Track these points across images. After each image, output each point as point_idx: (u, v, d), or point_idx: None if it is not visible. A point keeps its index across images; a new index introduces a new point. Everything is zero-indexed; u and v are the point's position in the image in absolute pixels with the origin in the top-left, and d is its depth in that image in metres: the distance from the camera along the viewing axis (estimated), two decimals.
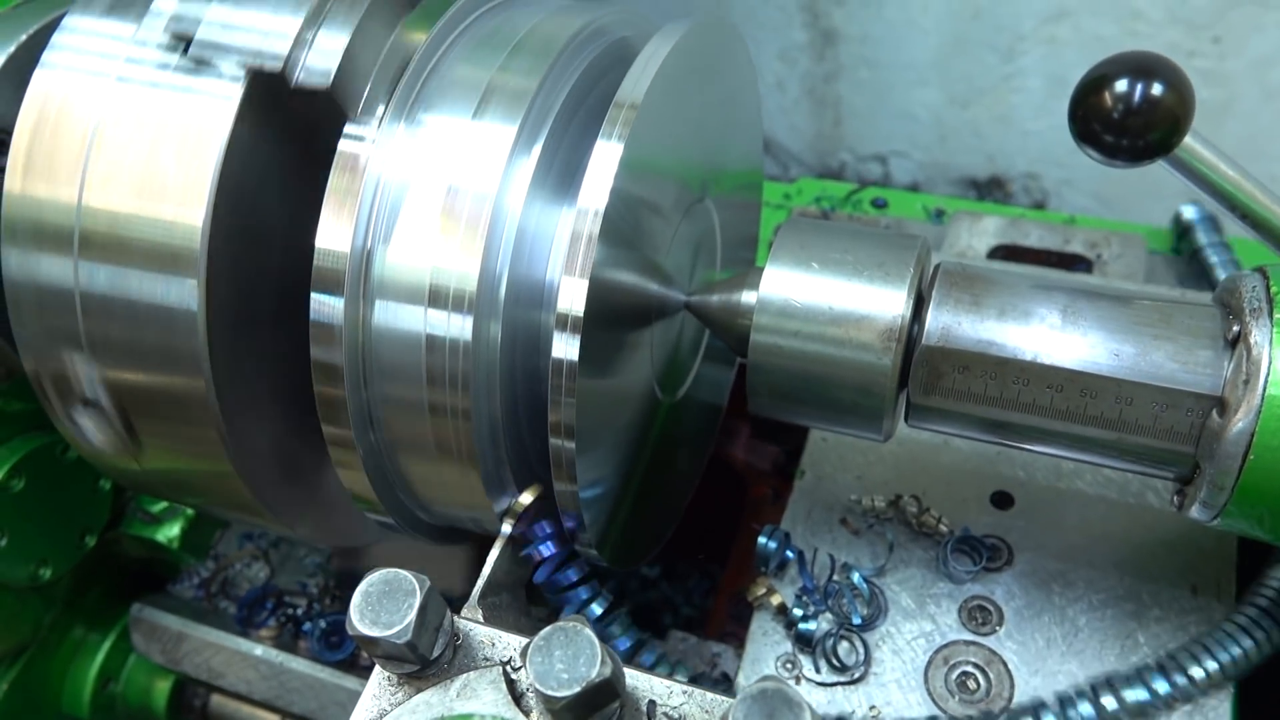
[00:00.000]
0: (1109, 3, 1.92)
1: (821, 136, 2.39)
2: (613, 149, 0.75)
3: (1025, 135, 2.18)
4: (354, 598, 0.64)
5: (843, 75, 2.26)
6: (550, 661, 0.59)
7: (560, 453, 0.77)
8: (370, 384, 0.80)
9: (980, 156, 2.27)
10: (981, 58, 2.11)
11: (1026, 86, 2.11)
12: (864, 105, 2.29)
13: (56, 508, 1.17)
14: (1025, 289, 0.78)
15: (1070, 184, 2.19)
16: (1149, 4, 1.90)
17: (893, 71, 2.21)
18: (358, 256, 0.78)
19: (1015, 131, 2.19)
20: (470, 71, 0.81)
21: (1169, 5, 1.90)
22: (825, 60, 2.24)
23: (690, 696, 0.64)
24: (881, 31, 2.15)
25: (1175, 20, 1.90)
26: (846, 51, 2.21)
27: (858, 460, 1.04)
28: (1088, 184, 2.17)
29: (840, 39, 2.19)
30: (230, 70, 0.78)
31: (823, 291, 0.80)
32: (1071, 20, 1.99)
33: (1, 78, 0.95)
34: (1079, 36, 2.00)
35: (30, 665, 1.28)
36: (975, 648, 0.90)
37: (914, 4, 2.07)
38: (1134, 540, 0.94)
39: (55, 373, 0.86)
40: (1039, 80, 2.09)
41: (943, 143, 2.28)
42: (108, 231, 0.80)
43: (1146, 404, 0.72)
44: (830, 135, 2.38)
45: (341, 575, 1.24)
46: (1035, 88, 2.10)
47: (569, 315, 0.74)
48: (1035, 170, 2.23)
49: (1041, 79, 2.08)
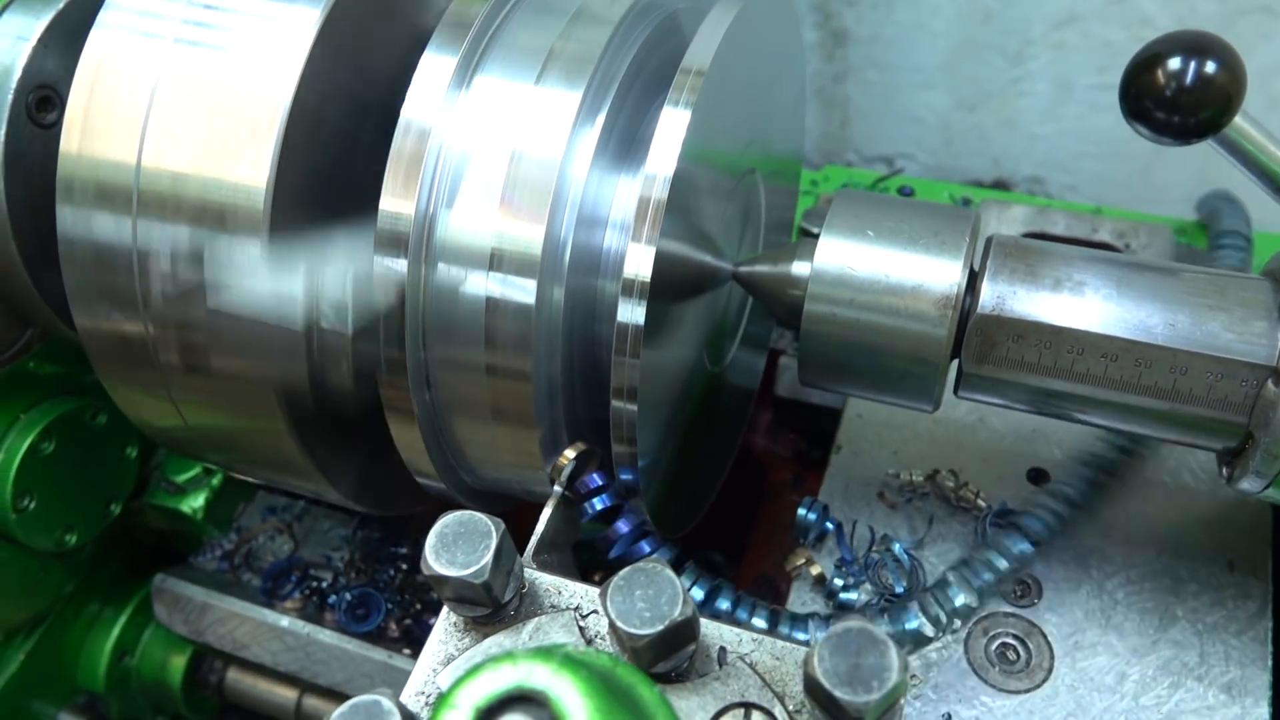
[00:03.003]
0: (1118, 9, 1.95)
1: (828, 137, 2.41)
2: (680, 116, 0.76)
3: (1031, 139, 2.21)
4: (429, 538, 0.65)
5: (851, 76, 2.28)
6: (631, 601, 0.59)
7: (621, 415, 0.78)
8: (429, 345, 0.81)
9: (985, 160, 2.29)
10: (990, 61, 2.13)
11: (1033, 91, 2.13)
12: (871, 107, 2.31)
13: (84, 473, 1.16)
14: (1079, 260, 0.79)
15: (1074, 189, 2.22)
16: (1158, 11, 1.93)
17: (901, 73, 2.23)
18: (420, 219, 0.78)
19: (1021, 135, 2.22)
20: (532, 38, 0.82)
21: (1177, 12, 1.93)
22: (834, 61, 2.26)
23: (760, 644, 0.65)
24: (892, 33, 2.17)
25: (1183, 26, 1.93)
26: (856, 53, 2.23)
27: (894, 437, 1.05)
28: (1092, 189, 2.20)
29: (850, 40, 2.21)
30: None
31: (879, 260, 0.81)
32: (1080, 25, 2.01)
33: (49, 36, 0.95)
34: (1087, 42, 2.02)
35: (47, 637, 1.27)
36: (1015, 619, 0.91)
37: (925, 6, 2.09)
38: (1169, 518, 0.95)
39: (108, 329, 0.86)
40: (1046, 85, 2.11)
41: (948, 146, 2.31)
42: (167, 191, 0.80)
43: (1201, 374, 0.74)
44: (837, 136, 2.40)
45: (367, 548, 1.24)
46: (1042, 92, 2.13)
47: (635, 281, 0.75)
48: (1039, 174, 2.26)
49: (1048, 83, 2.11)
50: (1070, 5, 1.97)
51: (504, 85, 0.80)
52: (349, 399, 0.88)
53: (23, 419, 1.09)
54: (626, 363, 0.76)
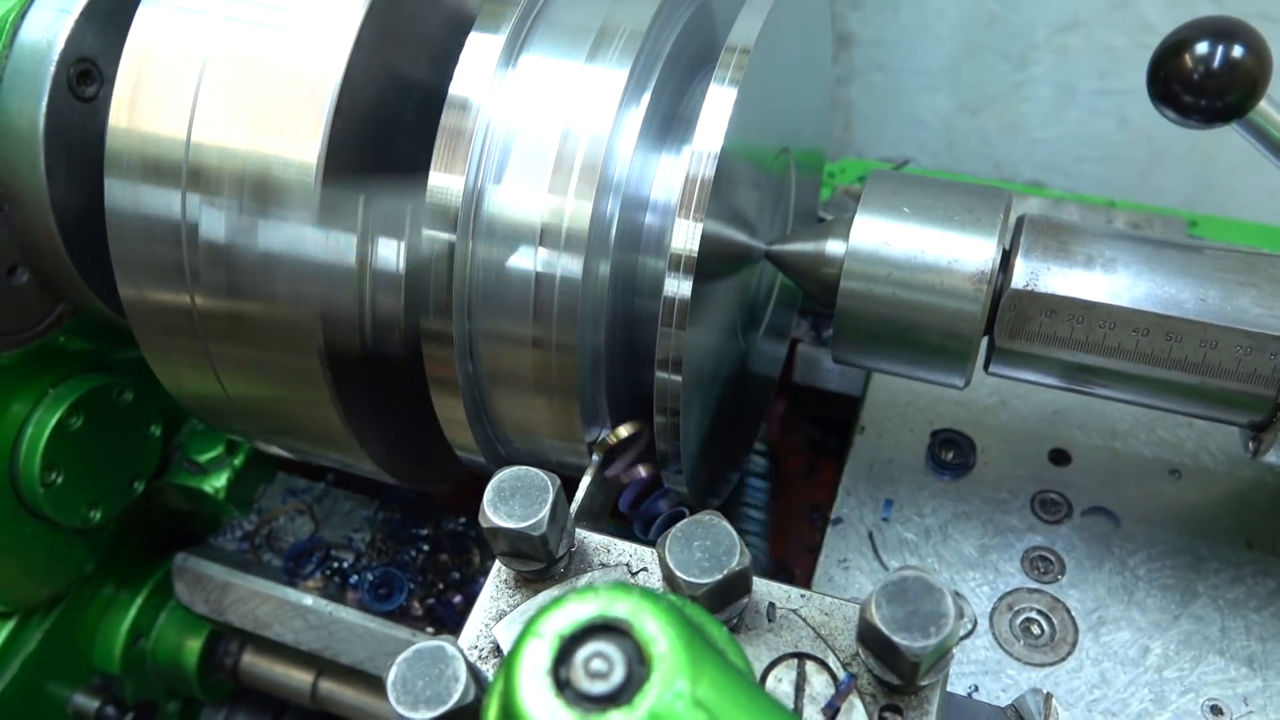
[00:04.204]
0: (1121, 15, 1.98)
1: (831, 139, 2.43)
2: (727, 94, 0.78)
3: (1033, 143, 2.23)
4: (486, 493, 0.66)
5: (855, 79, 2.30)
6: (690, 551, 0.61)
7: (666, 385, 0.79)
8: (474, 317, 0.82)
9: (987, 163, 2.32)
10: (993, 65, 2.16)
11: (1036, 95, 2.16)
12: (874, 110, 2.33)
13: (110, 450, 1.17)
14: (1110, 238, 0.81)
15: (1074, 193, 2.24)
16: (1160, 17, 1.96)
17: (905, 76, 2.25)
18: (469, 194, 0.80)
19: (1023, 139, 2.24)
20: (578, 16, 0.84)
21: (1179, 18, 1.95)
22: (839, 63, 2.28)
23: (808, 600, 0.67)
24: (896, 36, 2.19)
25: None
26: (860, 55, 2.26)
27: (917, 418, 1.07)
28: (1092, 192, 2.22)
29: (855, 42, 2.24)
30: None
31: (914, 237, 0.83)
32: (1083, 30, 2.04)
33: (90, 10, 0.96)
34: (1090, 47, 2.05)
35: (64, 617, 1.27)
36: (1039, 595, 0.93)
37: (930, 9, 2.12)
38: (1188, 499, 0.98)
39: (153, 300, 0.87)
40: (1048, 89, 2.14)
41: (950, 149, 2.33)
42: (217, 165, 0.81)
43: (1231, 347, 0.76)
44: (840, 139, 2.42)
45: (388, 529, 1.25)
46: (1044, 96, 2.15)
47: (683, 255, 0.76)
48: (1040, 179, 2.28)
49: (1051, 88, 2.14)
50: (1073, 10, 2.00)
51: (551, 63, 0.82)
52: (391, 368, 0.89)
53: (51, 393, 1.10)
54: (673, 334, 0.77)
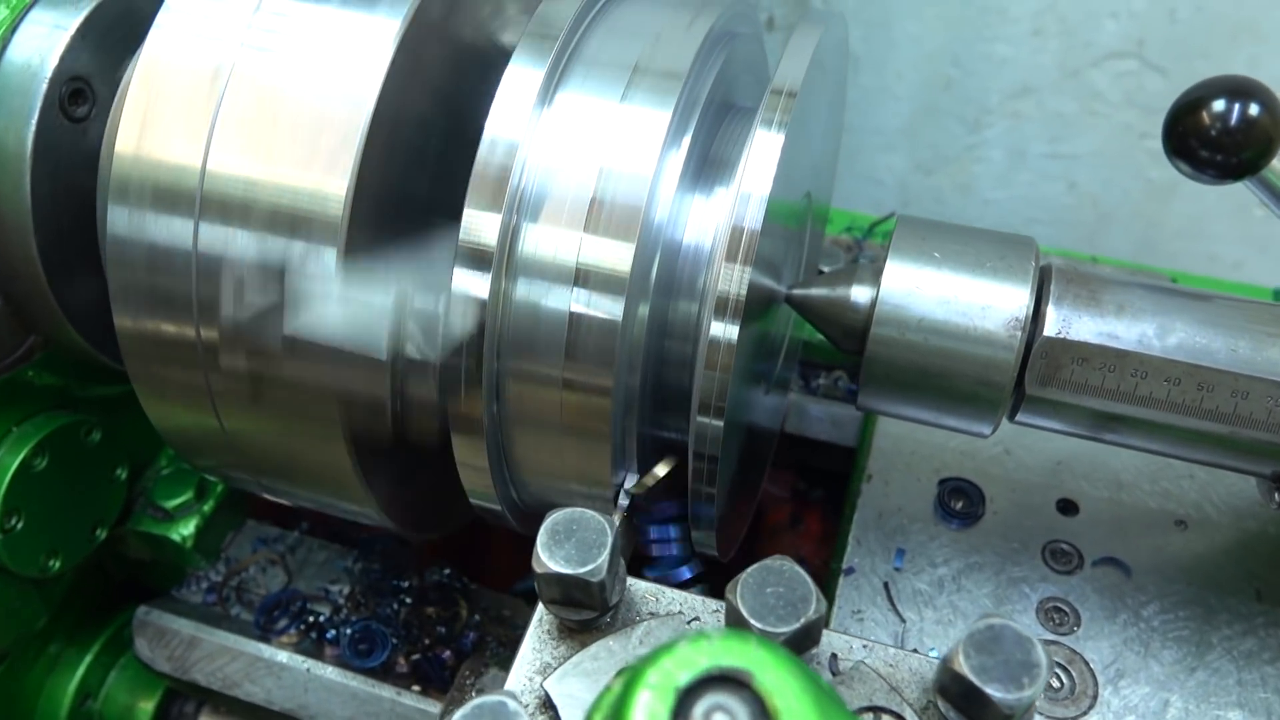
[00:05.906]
0: (1071, 83, 2.06)
1: None
2: (775, 139, 0.77)
3: (985, 204, 2.29)
4: (539, 535, 0.63)
5: None
6: (763, 597, 0.58)
7: (705, 430, 0.77)
8: (502, 357, 0.79)
9: None
10: (948, 127, 2.22)
11: (988, 157, 2.22)
12: None
13: (73, 494, 1.10)
14: (1139, 288, 0.82)
15: None
16: (1108, 87, 2.04)
17: (863, 135, 2.30)
18: (504, 233, 0.77)
19: (975, 200, 2.30)
20: (616, 54, 0.83)
21: (1126, 89, 2.04)
22: None
23: (871, 650, 0.64)
24: (855, 96, 2.24)
25: (1132, 103, 2.05)
26: None
27: (922, 467, 1.07)
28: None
29: None
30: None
31: (946, 284, 0.83)
32: (1035, 97, 2.11)
33: (86, 28, 0.92)
34: (1041, 113, 2.12)
35: (7, 677, 1.18)
36: (1056, 647, 0.92)
37: (889, 71, 2.17)
38: (1195, 550, 0.99)
39: (151, 331, 0.82)
40: (1000, 152, 2.21)
41: (905, 207, 2.38)
42: (235, 195, 0.78)
43: (1262, 398, 0.77)
44: None
45: (367, 580, 1.19)
46: (997, 159, 2.22)
47: (730, 299, 0.75)
48: None
49: (1003, 151, 2.20)
50: (1026, 78, 2.07)
51: (590, 101, 0.80)
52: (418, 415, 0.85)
53: (15, 431, 1.03)
54: (716, 377, 0.76)
